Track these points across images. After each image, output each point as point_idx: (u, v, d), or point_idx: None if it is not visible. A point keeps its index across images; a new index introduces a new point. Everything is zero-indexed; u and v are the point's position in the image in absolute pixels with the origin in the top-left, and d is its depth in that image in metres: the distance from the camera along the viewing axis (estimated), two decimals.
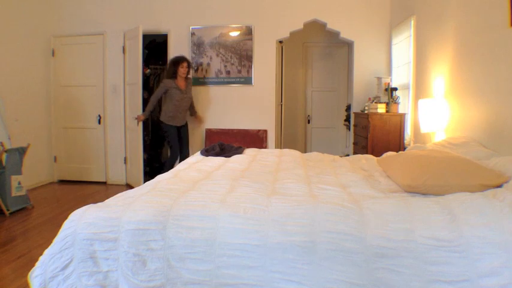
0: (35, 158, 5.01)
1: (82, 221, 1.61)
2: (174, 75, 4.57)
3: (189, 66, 4.64)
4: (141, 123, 4.66)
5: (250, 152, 3.23)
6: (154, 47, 5.95)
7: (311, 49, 6.63)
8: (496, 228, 1.41)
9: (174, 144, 4.66)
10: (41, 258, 1.63)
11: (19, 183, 3.97)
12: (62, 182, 5.47)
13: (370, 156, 3.06)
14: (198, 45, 5.09)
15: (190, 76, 4.80)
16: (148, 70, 5.72)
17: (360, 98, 4.95)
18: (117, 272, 1.56)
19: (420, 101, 3.23)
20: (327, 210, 1.56)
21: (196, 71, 5.08)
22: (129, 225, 1.57)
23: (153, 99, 4.59)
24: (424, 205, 1.61)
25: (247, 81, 5.04)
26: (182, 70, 4.58)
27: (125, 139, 5.30)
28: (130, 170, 5.19)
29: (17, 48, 4.82)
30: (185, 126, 4.85)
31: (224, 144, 3.43)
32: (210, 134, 5.11)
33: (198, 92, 5.10)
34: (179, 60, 4.59)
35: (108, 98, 5.30)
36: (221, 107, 5.12)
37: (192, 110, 4.94)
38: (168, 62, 4.77)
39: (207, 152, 3.20)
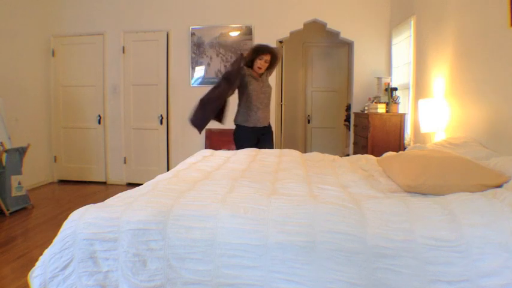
0: (35, 158, 5.01)
1: (82, 221, 1.61)
2: (250, 65, 3.47)
3: (272, 62, 3.49)
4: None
5: (250, 152, 3.22)
6: None
7: (311, 49, 6.63)
8: (496, 228, 1.41)
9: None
10: (41, 258, 1.63)
11: (19, 183, 3.97)
12: (62, 182, 5.47)
13: (370, 156, 3.06)
14: (198, 45, 5.09)
15: (272, 71, 3.68)
16: None
17: (360, 98, 4.95)
18: (117, 272, 1.56)
19: (420, 101, 3.23)
20: (327, 210, 1.56)
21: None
22: (129, 225, 1.57)
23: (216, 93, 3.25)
24: (424, 205, 1.60)
25: None
26: (259, 64, 3.42)
27: (125, 139, 5.30)
28: None
29: (17, 48, 4.83)
30: (268, 129, 3.64)
31: None
32: (211, 134, 5.10)
33: (198, 92, 5.08)
34: (259, 50, 3.43)
35: (108, 98, 5.30)
36: None
37: None
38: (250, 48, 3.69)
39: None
